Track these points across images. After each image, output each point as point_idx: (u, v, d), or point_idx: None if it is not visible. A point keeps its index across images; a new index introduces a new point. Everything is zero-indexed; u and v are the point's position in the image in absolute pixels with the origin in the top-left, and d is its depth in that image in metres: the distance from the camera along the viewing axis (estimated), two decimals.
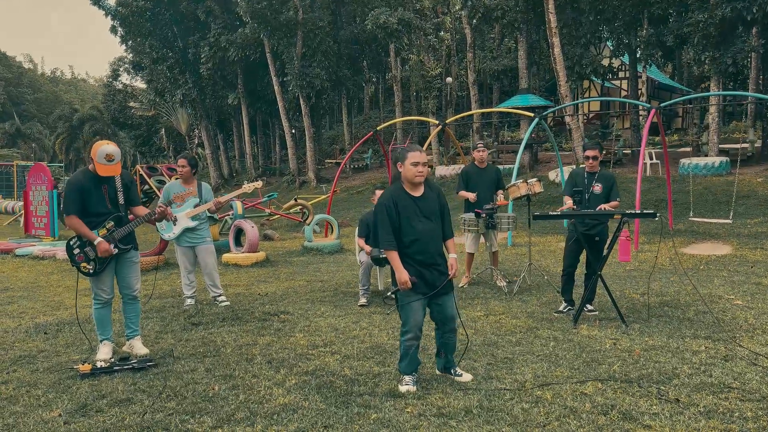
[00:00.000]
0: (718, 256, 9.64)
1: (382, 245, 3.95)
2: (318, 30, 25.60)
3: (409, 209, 3.93)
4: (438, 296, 4.01)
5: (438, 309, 4.05)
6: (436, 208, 4.03)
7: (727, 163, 17.72)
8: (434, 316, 4.10)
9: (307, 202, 14.96)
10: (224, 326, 5.79)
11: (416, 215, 3.93)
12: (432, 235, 3.98)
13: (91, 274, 4.61)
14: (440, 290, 3.98)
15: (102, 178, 4.61)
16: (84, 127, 56.01)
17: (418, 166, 3.91)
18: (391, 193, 3.98)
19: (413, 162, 3.91)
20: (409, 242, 3.92)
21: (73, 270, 9.85)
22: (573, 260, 5.96)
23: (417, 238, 3.92)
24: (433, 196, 4.03)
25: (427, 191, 4.02)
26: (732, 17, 16.44)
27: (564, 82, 19.70)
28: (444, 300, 4.03)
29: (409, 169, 3.93)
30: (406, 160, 3.93)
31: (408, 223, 3.92)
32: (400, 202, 3.93)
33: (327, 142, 38.78)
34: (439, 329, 4.14)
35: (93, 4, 28.79)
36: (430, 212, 3.98)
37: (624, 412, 3.49)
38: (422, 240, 3.93)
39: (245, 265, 9.71)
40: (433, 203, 4.02)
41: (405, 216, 3.92)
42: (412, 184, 3.98)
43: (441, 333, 4.13)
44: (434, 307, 4.05)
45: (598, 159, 5.79)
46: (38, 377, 4.31)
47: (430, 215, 3.98)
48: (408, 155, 3.93)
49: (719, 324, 5.38)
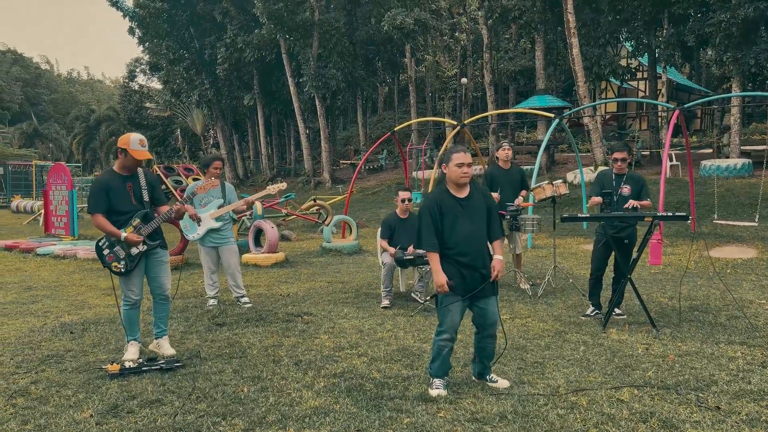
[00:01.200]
0: (744, 260, 9.47)
1: (424, 246, 3.92)
2: (334, 31, 25.61)
3: (452, 211, 3.89)
4: (479, 299, 3.94)
5: (480, 312, 3.99)
6: (482, 209, 3.97)
7: (749, 165, 17.46)
8: (475, 320, 4.04)
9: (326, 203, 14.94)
10: (249, 327, 5.76)
11: (460, 217, 3.89)
12: (475, 237, 3.91)
13: (123, 273, 4.61)
14: (482, 293, 3.92)
15: (126, 177, 4.66)
16: (100, 128, 56.49)
17: (462, 167, 3.86)
18: (435, 195, 3.96)
19: (458, 163, 3.87)
20: (452, 244, 3.89)
21: (94, 270, 9.91)
22: (602, 263, 5.87)
23: (460, 240, 3.88)
24: (479, 198, 3.97)
25: (472, 192, 3.97)
26: (755, 17, 16.20)
27: (582, 82, 19.53)
28: (486, 303, 3.96)
29: (454, 171, 3.88)
30: (451, 161, 3.89)
31: (451, 224, 3.88)
32: (444, 204, 3.90)
33: (341, 142, 38.81)
34: (478, 333, 4.07)
35: (111, 6, 29.01)
36: (474, 214, 3.92)
37: (664, 420, 3.41)
38: (465, 242, 3.88)
39: (265, 266, 9.70)
40: (479, 204, 3.96)
41: (448, 218, 3.88)
42: (457, 186, 3.94)
43: (480, 337, 4.06)
44: (476, 310, 3.99)
45: (626, 161, 5.70)
46: (67, 377, 4.30)
47: (475, 217, 3.92)
48: (452, 156, 3.89)
49: (754, 329, 5.26)
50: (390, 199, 22.16)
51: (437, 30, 26.28)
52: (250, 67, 29.75)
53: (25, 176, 34.76)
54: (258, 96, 30.96)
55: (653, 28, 20.85)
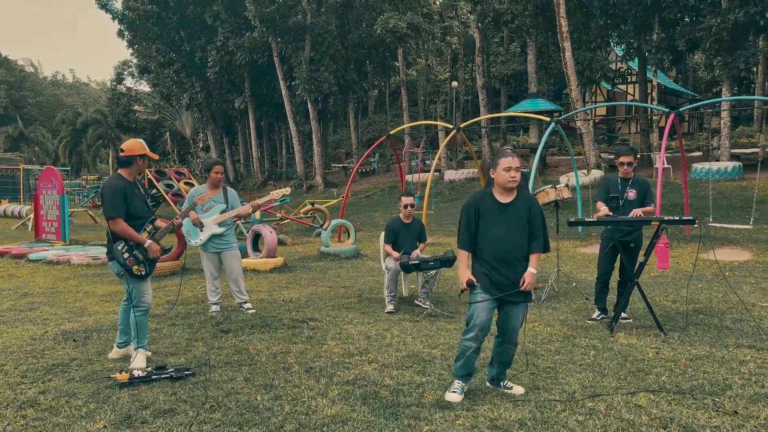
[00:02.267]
0: (741, 262, 9.55)
1: (458, 244, 4.03)
2: (326, 34, 25.60)
3: (490, 214, 3.92)
4: (507, 304, 3.93)
5: (504, 317, 3.98)
6: (523, 217, 3.93)
7: (739, 168, 17.66)
8: (498, 323, 4.03)
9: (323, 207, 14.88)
10: (254, 333, 5.70)
11: (497, 221, 3.90)
12: (509, 242, 3.89)
13: (143, 277, 4.61)
14: (511, 299, 3.90)
15: (133, 184, 4.72)
16: (87, 131, 56.02)
17: (510, 171, 3.85)
18: (478, 196, 4.01)
19: (506, 167, 3.86)
20: (484, 246, 3.93)
21: (89, 276, 9.78)
22: (608, 268, 5.88)
23: (491, 243, 3.90)
24: (523, 205, 3.94)
25: (518, 199, 3.95)
26: (745, 21, 16.40)
27: (575, 86, 19.65)
28: (512, 309, 3.94)
29: (502, 175, 3.87)
30: (499, 166, 3.88)
31: (486, 226, 3.91)
32: (483, 206, 3.94)
33: (332, 145, 38.76)
34: (498, 337, 4.06)
35: (100, 8, 28.80)
36: (513, 220, 3.90)
37: (684, 426, 3.41)
38: (497, 246, 3.89)
39: (264, 271, 9.63)
40: (522, 212, 3.92)
41: (484, 220, 3.92)
42: (503, 190, 3.93)
43: (499, 342, 4.04)
44: (501, 314, 3.99)
45: (633, 165, 5.72)
46: (75, 387, 4.22)
47: (513, 223, 3.90)
48: (500, 161, 3.88)
49: (761, 332, 5.29)
50: (384, 202, 22.17)
51: (429, 33, 26.35)
52: (241, 70, 29.66)
53: (12, 180, 34.34)
54: (249, 99, 30.86)
55: (644, 32, 21.04)
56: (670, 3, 19.19)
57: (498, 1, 24.16)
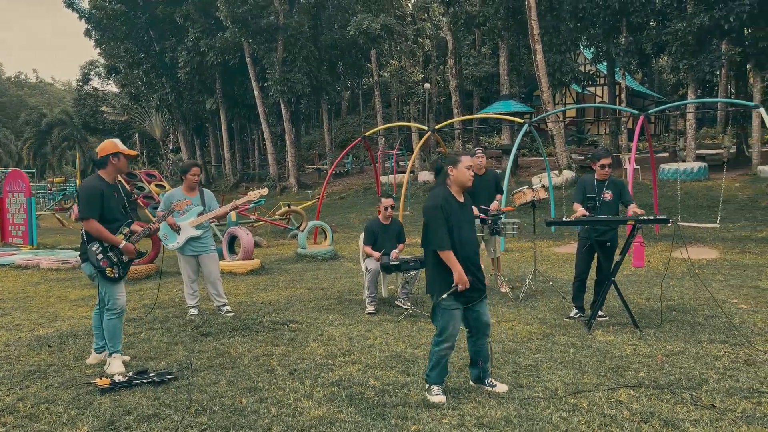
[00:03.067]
0: (709, 260, 9.81)
1: (437, 245, 3.82)
2: (299, 35, 25.49)
3: (456, 214, 3.91)
4: (475, 303, 3.98)
5: (475, 316, 4.02)
6: (470, 211, 4.03)
7: (704, 169, 18.13)
8: (470, 323, 4.07)
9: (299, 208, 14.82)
10: (235, 336, 5.66)
11: (462, 221, 3.92)
12: (473, 242, 3.97)
13: (117, 279, 4.53)
14: (478, 297, 3.96)
15: (112, 185, 4.64)
16: (53, 132, 54.69)
17: (471, 169, 3.91)
18: (440, 195, 3.91)
19: (468, 165, 3.90)
20: (458, 248, 3.90)
21: (60, 280, 9.57)
22: (586, 267, 5.99)
23: (463, 244, 3.90)
24: (471, 204, 4.06)
25: (467, 198, 4.01)
26: (710, 26, 16.86)
27: (546, 88, 19.94)
28: (481, 307, 4.01)
29: (463, 173, 3.90)
30: (460, 163, 3.90)
31: (456, 228, 3.89)
32: (448, 206, 3.89)
33: (305, 147, 38.58)
34: (472, 336, 4.11)
35: (66, 7, 28.18)
36: (470, 219, 3.97)
37: (665, 420, 3.50)
38: (466, 246, 3.92)
39: (240, 273, 9.55)
40: (471, 209, 4.04)
41: (454, 220, 3.90)
42: (459, 188, 3.96)
43: (474, 340, 4.10)
44: (471, 314, 4.02)
45: (611, 167, 5.84)
46: (55, 393, 4.14)
47: (471, 222, 3.97)
48: (462, 159, 3.91)
49: (732, 328, 5.45)
50: (358, 204, 22.17)
51: (402, 35, 26.45)
52: (212, 71, 29.34)
53: None
54: (221, 100, 30.55)
55: (612, 35, 21.46)
56: (637, 7, 19.62)
57: (470, 4, 24.41)
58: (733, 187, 16.88)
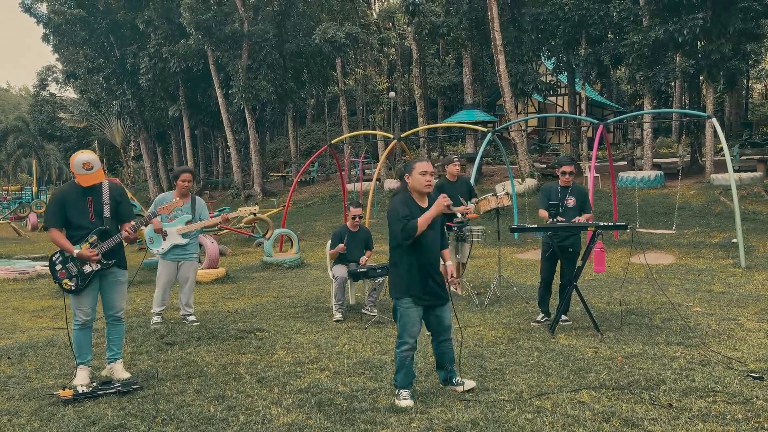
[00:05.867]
0: (665, 265, 10.14)
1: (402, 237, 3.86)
2: (264, 42, 25.39)
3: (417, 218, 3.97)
4: (436, 306, 4.06)
5: (436, 320, 4.10)
6: (438, 219, 4.10)
7: (661, 177, 18.69)
8: (431, 326, 4.15)
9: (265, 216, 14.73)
10: (201, 345, 5.61)
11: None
12: (434, 245, 4.05)
13: (73, 291, 4.39)
14: (438, 300, 4.05)
15: (87, 190, 4.43)
16: (8, 139, 53.02)
17: (426, 175, 3.97)
18: (401, 201, 3.99)
19: (422, 171, 3.96)
20: (419, 252, 3.97)
21: (17, 291, 9.32)
22: (550, 272, 6.14)
23: (425, 249, 3.97)
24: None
25: (431, 203, 4.08)
26: (664, 39, 17.45)
27: (509, 98, 20.31)
28: (442, 310, 4.09)
29: (418, 179, 3.97)
30: (414, 170, 3.98)
31: (421, 234, 3.95)
32: (411, 210, 3.95)
33: (269, 154, 38.33)
34: (435, 339, 4.19)
35: (24, 12, 27.49)
36: (435, 223, 4.04)
37: (625, 419, 3.62)
38: (429, 250, 4.00)
39: (205, 282, 9.45)
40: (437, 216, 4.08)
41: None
42: (420, 195, 4.02)
43: (437, 343, 4.18)
44: (432, 318, 4.10)
45: (573, 174, 6.01)
46: (16, 405, 4.04)
47: (435, 226, 4.05)
48: (416, 165, 3.98)
49: (687, 330, 5.65)
50: (324, 211, 22.12)
51: (367, 44, 26.59)
52: (175, 78, 28.93)
53: None
54: (184, 107, 30.14)
55: (572, 47, 22.01)
56: (595, 20, 20.18)
57: (434, 14, 24.71)
58: (687, 194, 17.44)
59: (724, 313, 6.34)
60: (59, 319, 7.02)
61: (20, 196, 32.28)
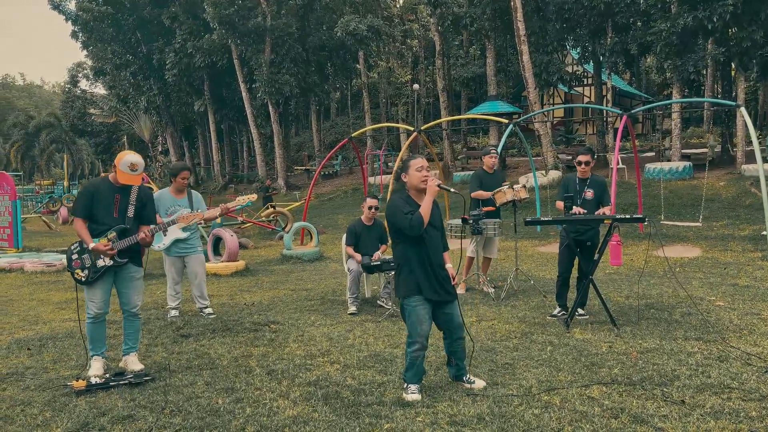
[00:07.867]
0: (690, 258, 9.91)
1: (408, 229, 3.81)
2: (287, 36, 25.48)
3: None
4: (445, 305, 4.02)
5: (445, 318, 4.06)
6: (439, 218, 4.05)
7: (690, 168, 18.27)
8: (442, 325, 4.11)
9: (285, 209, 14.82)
10: (215, 338, 5.67)
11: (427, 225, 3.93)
12: (437, 243, 4.00)
13: (84, 282, 4.47)
14: (447, 298, 4.00)
15: (117, 188, 4.53)
16: (41, 135, 54.40)
17: (422, 170, 3.92)
18: (399, 200, 3.95)
19: (417, 167, 3.92)
20: (421, 248, 3.93)
21: (44, 283, 9.54)
22: (568, 265, 6.03)
23: (427, 245, 3.93)
24: (436, 208, 4.03)
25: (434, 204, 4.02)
26: (693, 26, 16.99)
27: (533, 89, 20.03)
28: (451, 308, 4.04)
29: (415, 175, 3.93)
30: (410, 168, 3.94)
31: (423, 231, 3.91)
32: (412, 208, 3.91)
33: (294, 148, 38.56)
34: (447, 338, 4.14)
35: (53, 9, 28.02)
36: (434, 221, 3.99)
37: (634, 415, 3.55)
38: (431, 247, 3.95)
39: (225, 275, 9.55)
40: (436, 213, 4.03)
41: None
42: (418, 192, 3.97)
43: (450, 341, 4.13)
44: (442, 316, 4.05)
45: (590, 164, 5.88)
46: (31, 395, 4.14)
47: (435, 224, 3.99)
48: (411, 163, 3.94)
49: (707, 325, 5.52)
50: (347, 205, 22.18)
51: (390, 36, 26.48)
52: (200, 73, 29.26)
53: None
54: (209, 102, 30.47)
55: (598, 36, 21.60)
56: (622, 8, 19.75)
57: (457, 5, 24.48)
58: (717, 186, 17.01)
59: (747, 308, 6.17)
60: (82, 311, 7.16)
61: (52, 191, 33.05)
